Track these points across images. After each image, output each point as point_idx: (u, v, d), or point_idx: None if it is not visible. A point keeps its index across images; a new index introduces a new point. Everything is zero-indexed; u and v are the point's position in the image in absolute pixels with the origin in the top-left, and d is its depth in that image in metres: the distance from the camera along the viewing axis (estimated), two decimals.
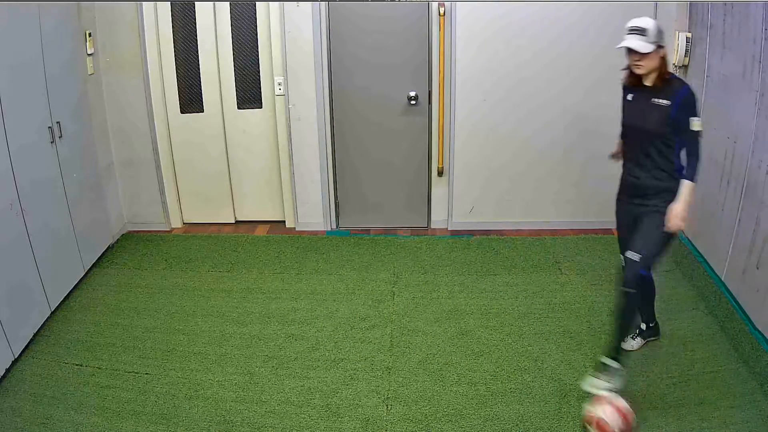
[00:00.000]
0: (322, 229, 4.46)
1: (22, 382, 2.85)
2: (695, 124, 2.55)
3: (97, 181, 3.96)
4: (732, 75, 3.15)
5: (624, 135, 2.81)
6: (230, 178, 4.48)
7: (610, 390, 2.59)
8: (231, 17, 4.09)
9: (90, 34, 3.90)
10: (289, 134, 4.23)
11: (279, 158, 4.36)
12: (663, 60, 2.58)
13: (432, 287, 3.64)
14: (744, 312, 2.98)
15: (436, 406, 2.68)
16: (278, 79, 4.13)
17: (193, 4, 4.05)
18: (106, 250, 4.07)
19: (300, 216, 4.45)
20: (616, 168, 4.25)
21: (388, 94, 4.17)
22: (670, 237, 2.66)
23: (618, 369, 2.69)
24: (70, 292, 3.56)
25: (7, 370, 2.88)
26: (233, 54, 4.17)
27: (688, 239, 3.68)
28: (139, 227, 4.48)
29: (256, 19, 4.08)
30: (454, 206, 4.39)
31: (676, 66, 3.71)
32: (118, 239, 4.31)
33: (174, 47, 4.14)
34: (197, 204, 4.55)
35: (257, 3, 4.03)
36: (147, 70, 4.08)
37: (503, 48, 3.99)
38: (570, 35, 3.95)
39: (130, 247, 4.22)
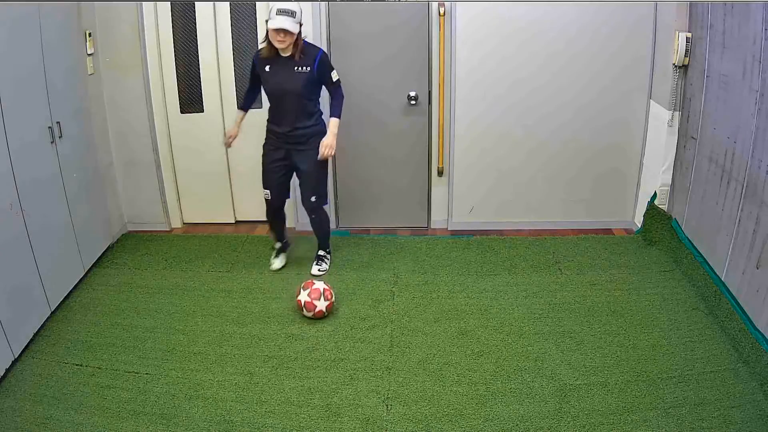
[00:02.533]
0: None
1: (22, 382, 2.85)
2: (334, 76, 3.43)
3: (97, 181, 3.96)
4: (732, 75, 3.15)
5: (271, 98, 3.45)
6: (230, 178, 4.48)
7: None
8: (231, 17, 4.09)
9: (90, 34, 3.90)
10: None
11: None
12: (299, 35, 3.25)
13: (432, 287, 3.64)
14: (744, 312, 2.98)
15: (436, 406, 2.68)
16: None
17: (193, 4, 4.05)
18: (106, 250, 4.07)
19: (300, 216, 4.44)
20: (617, 168, 4.27)
21: (388, 94, 4.17)
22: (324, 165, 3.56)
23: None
24: (70, 292, 3.56)
25: (7, 370, 2.88)
26: (233, 54, 4.17)
27: (688, 239, 3.68)
28: (139, 227, 4.48)
29: (256, 19, 4.08)
30: (454, 206, 4.39)
31: (675, 66, 3.71)
32: (118, 239, 4.31)
33: (174, 47, 4.14)
34: (197, 204, 4.55)
35: (257, 3, 4.03)
36: (147, 70, 4.08)
37: (503, 48, 3.99)
38: (569, 35, 3.95)
39: (130, 247, 4.22)
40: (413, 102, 4.17)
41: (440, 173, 4.34)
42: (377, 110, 4.22)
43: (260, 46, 3.45)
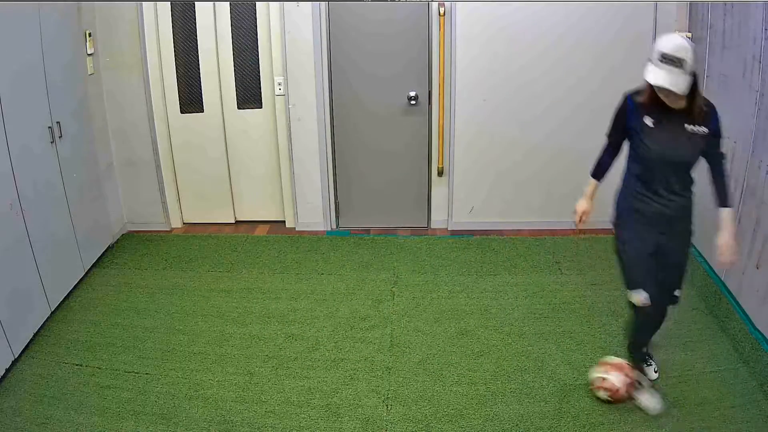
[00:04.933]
0: (322, 229, 4.46)
1: (22, 382, 2.85)
2: (723, 147, 2.39)
3: (97, 181, 3.96)
4: (732, 75, 3.15)
5: (643, 163, 2.43)
6: (230, 178, 4.48)
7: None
8: (231, 17, 4.09)
9: (90, 34, 3.90)
10: (289, 134, 4.23)
11: (279, 158, 4.36)
12: (696, 86, 2.21)
13: (432, 287, 3.64)
14: (744, 312, 2.98)
15: (436, 406, 2.68)
16: (278, 79, 4.13)
17: (193, 4, 4.05)
18: (106, 250, 4.07)
19: (300, 216, 4.45)
20: (617, 168, 4.26)
21: (388, 94, 4.17)
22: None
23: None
24: (70, 292, 3.56)
25: (7, 370, 2.88)
26: (233, 54, 4.17)
27: None
28: (139, 227, 4.48)
29: (256, 19, 4.08)
30: (454, 206, 4.39)
31: None
32: (118, 239, 4.31)
33: (174, 47, 4.14)
34: (197, 204, 4.55)
35: (257, 3, 4.03)
36: (147, 70, 4.08)
37: (503, 48, 3.99)
38: (571, 35, 3.95)
39: (130, 247, 4.22)
40: (413, 102, 4.17)
41: (440, 173, 4.34)
42: (377, 110, 4.21)
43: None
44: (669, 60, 2.14)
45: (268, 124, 4.32)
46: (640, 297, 2.44)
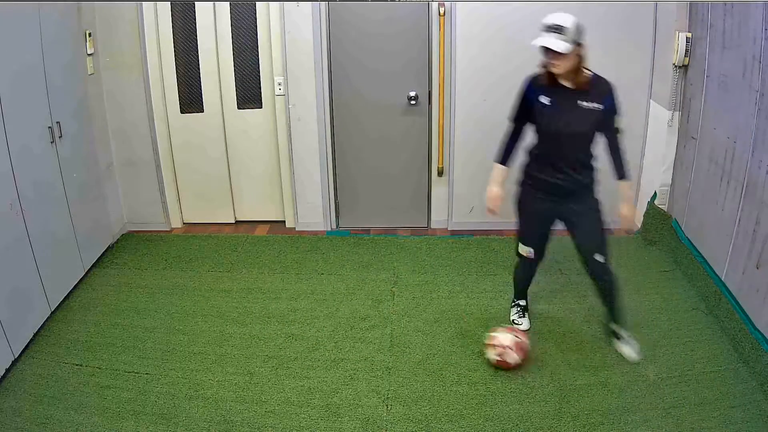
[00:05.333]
0: (322, 229, 4.46)
1: (22, 382, 2.85)
2: (620, 122, 2.68)
3: (97, 181, 3.96)
4: (732, 75, 3.15)
5: (544, 139, 2.72)
6: (230, 178, 4.48)
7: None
8: (231, 17, 4.09)
9: (90, 34, 3.90)
10: (289, 134, 4.23)
11: (279, 158, 4.36)
12: (580, 59, 2.55)
13: (432, 287, 3.64)
14: (744, 312, 2.98)
15: (436, 406, 2.68)
16: (278, 79, 4.13)
17: (193, 4, 4.05)
18: (106, 250, 4.07)
19: (300, 216, 4.45)
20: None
21: (388, 94, 4.17)
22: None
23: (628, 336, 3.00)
24: (70, 292, 3.56)
25: (7, 370, 2.88)
26: (233, 54, 4.17)
27: (688, 239, 3.68)
28: (139, 227, 4.48)
29: (256, 19, 4.08)
30: (454, 206, 4.39)
31: (675, 66, 3.71)
32: (118, 239, 4.31)
33: (174, 47, 4.14)
34: (197, 204, 4.55)
35: (257, 3, 4.03)
36: (147, 70, 4.08)
37: (503, 48, 3.99)
38: None
39: (130, 247, 4.22)
40: (413, 102, 4.17)
41: (440, 173, 4.34)
42: (377, 110, 4.21)
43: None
44: (550, 28, 2.48)
45: (268, 124, 4.32)
46: (527, 250, 2.98)
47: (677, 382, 2.77)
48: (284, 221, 4.55)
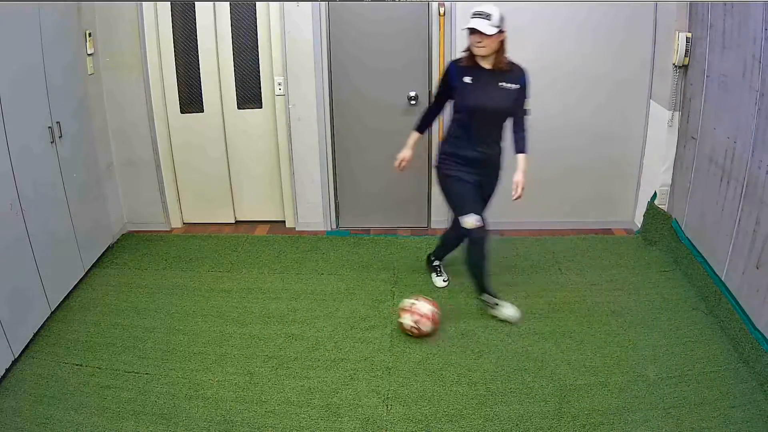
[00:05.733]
0: (322, 229, 4.46)
1: (22, 382, 2.85)
2: (528, 105, 3.08)
3: (97, 181, 3.96)
4: (732, 75, 3.15)
5: (465, 115, 3.04)
6: (230, 178, 4.48)
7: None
8: (231, 17, 4.09)
9: (90, 34, 3.90)
10: (289, 134, 4.23)
11: (279, 158, 4.36)
12: (502, 44, 2.92)
13: (432, 287, 3.64)
14: (744, 312, 2.98)
15: (436, 406, 2.68)
16: (278, 79, 4.13)
17: (193, 4, 4.05)
18: (106, 250, 4.07)
19: (300, 216, 4.45)
20: (617, 168, 4.27)
21: (389, 94, 4.17)
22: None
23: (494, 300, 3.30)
24: (70, 292, 3.56)
25: (7, 370, 2.88)
26: (233, 54, 4.17)
27: (688, 239, 3.68)
28: (139, 227, 4.48)
29: (256, 19, 4.08)
30: None
31: (675, 66, 3.71)
32: (118, 239, 4.31)
33: (174, 47, 4.14)
34: (197, 204, 4.55)
35: (257, 3, 4.03)
36: (147, 70, 4.08)
37: None
38: (570, 35, 3.95)
39: (130, 247, 4.22)
40: (413, 102, 4.17)
41: None
42: (377, 110, 4.21)
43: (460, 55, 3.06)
44: (477, 14, 2.83)
45: (268, 124, 4.32)
46: (472, 220, 3.08)
47: (677, 382, 2.77)
48: (284, 221, 4.55)
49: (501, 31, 2.88)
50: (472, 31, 2.84)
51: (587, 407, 2.64)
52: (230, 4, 4.06)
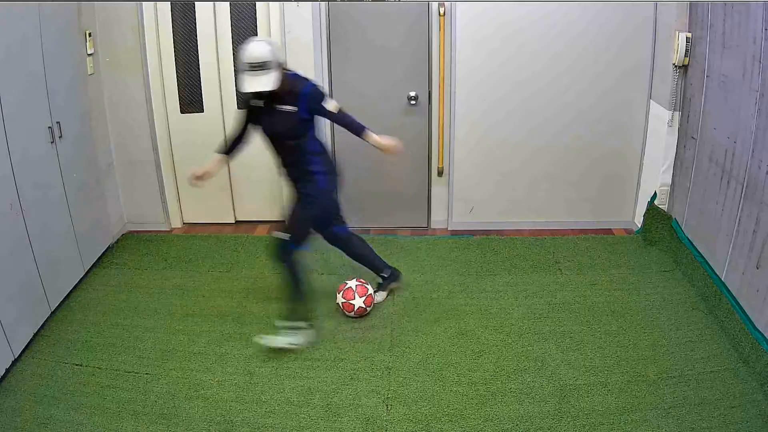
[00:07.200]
0: None
1: (22, 382, 2.85)
2: (330, 107, 2.86)
3: (97, 181, 3.96)
4: (732, 75, 3.15)
5: (266, 141, 2.97)
6: (230, 178, 4.48)
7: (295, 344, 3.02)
8: (231, 17, 4.09)
9: (90, 34, 3.90)
10: None
11: None
12: (283, 72, 2.71)
13: (432, 287, 3.64)
14: (744, 312, 2.98)
15: (436, 406, 2.68)
16: None
17: (193, 4, 4.05)
18: (106, 250, 4.07)
19: None
20: (617, 168, 4.27)
21: (388, 94, 4.17)
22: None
23: (303, 327, 3.09)
24: (70, 292, 3.56)
25: (7, 370, 2.88)
26: (233, 54, 4.16)
27: (688, 239, 3.68)
28: (139, 227, 4.47)
29: (256, 19, 4.08)
30: (454, 206, 4.39)
31: (675, 66, 3.71)
32: (118, 239, 4.31)
33: (174, 47, 4.14)
34: (197, 204, 4.55)
35: (257, 3, 4.03)
36: (147, 70, 4.08)
37: (503, 48, 3.99)
38: (570, 35, 3.95)
39: (130, 247, 4.21)
40: (413, 102, 4.17)
41: (440, 173, 4.34)
42: (377, 110, 4.21)
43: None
44: (252, 67, 2.61)
45: None
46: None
47: (677, 382, 2.77)
48: (284, 221, 4.54)
49: (279, 65, 2.69)
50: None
51: (587, 407, 2.64)
52: (230, 4, 4.05)
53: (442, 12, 3.93)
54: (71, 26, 3.64)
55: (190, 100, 4.29)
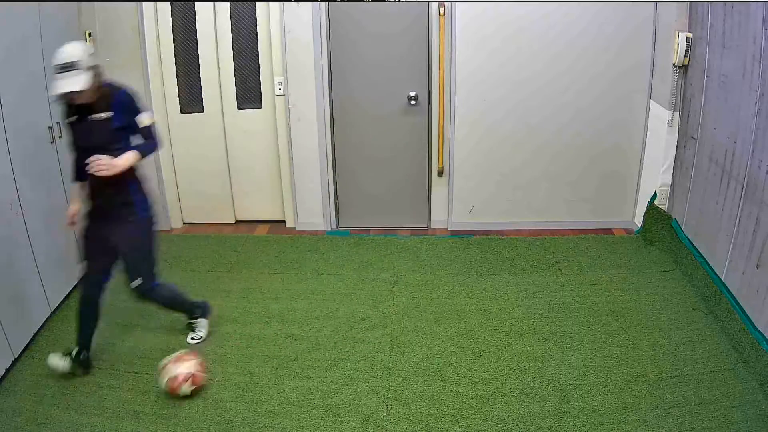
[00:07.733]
0: (322, 229, 4.46)
1: (22, 382, 2.85)
2: (144, 120, 2.66)
3: None
4: (732, 75, 3.15)
5: (80, 161, 2.61)
6: (230, 178, 4.48)
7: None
8: (231, 17, 4.09)
9: (90, 34, 3.90)
10: (289, 134, 4.23)
11: (279, 158, 4.36)
12: (98, 78, 2.56)
13: (432, 287, 3.64)
14: (744, 312, 2.98)
15: (436, 406, 2.68)
16: (278, 79, 4.13)
17: (193, 4, 4.05)
18: None
19: (300, 216, 4.45)
20: (617, 168, 4.27)
21: (388, 94, 4.17)
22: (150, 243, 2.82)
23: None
24: (70, 292, 3.56)
25: (7, 370, 2.88)
26: (233, 54, 4.17)
27: (688, 239, 3.68)
28: None
29: (256, 19, 4.08)
30: (454, 206, 4.39)
31: (675, 66, 3.71)
32: None
33: (174, 47, 4.14)
34: (197, 204, 4.55)
35: (257, 3, 4.03)
36: (147, 70, 4.08)
37: (503, 48, 3.99)
38: (570, 34, 3.95)
39: None
40: (413, 102, 4.17)
41: (440, 173, 4.34)
42: (377, 110, 4.22)
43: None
44: (62, 68, 2.46)
45: (268, 124, 4.32)
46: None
47: (677, 382, 2.77)
48: (284, 221, 4.55)
49: (92, 68, 2.52)
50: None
51: (587, 407, 2.64)
52: (230, 4, 4.06)
53: (442, 12, 3.93)
54: (71, 26, 3.64)
55: (190, 100, 4.29)
